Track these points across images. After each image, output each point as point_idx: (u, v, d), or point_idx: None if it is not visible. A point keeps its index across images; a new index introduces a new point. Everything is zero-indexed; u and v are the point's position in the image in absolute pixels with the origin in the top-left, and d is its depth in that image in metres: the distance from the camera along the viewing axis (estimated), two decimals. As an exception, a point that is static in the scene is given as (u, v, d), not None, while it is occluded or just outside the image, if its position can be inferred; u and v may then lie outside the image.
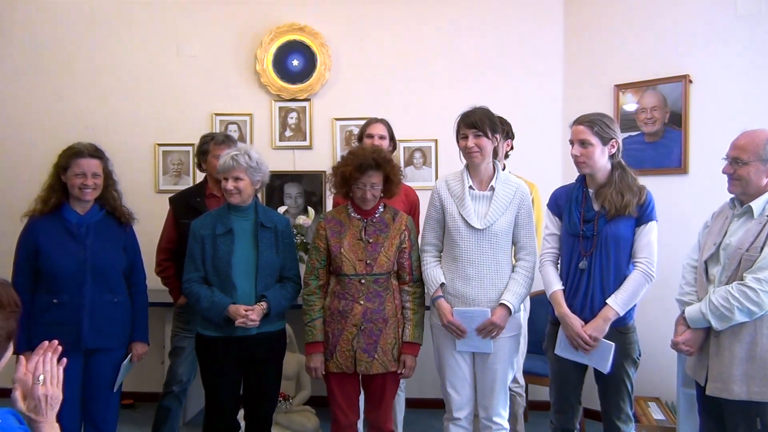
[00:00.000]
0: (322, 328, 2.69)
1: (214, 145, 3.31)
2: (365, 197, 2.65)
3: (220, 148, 3.27)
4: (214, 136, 3.38)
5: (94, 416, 2.73)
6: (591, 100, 3.95)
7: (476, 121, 2.59)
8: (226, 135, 3.47)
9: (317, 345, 2.68)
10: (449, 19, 4.38)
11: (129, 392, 4.24)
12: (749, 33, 3.54)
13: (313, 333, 2.68)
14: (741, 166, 2.30)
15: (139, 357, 2.83)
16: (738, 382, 2.24)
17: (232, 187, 2.68)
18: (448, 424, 2.73)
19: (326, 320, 2.71)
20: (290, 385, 3.75)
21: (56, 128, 4.35)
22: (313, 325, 2.69)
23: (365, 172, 2.60)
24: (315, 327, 2.69)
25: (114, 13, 4.49)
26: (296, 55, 4.41)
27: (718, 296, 2.26)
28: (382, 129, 3.29)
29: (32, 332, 2.62)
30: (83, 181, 2.67)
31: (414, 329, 2.70)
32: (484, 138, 2.59)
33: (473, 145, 2.60)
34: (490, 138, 2.61)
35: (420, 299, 2.75)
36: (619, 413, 2.58)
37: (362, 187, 2.63)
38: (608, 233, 2.52)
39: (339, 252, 2.66)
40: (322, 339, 2.68)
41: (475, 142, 2.59)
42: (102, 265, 2.69)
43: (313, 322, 2.69)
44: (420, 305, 2.75)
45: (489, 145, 2.61)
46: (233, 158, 2.69)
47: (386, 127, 3.31)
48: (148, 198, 4.29)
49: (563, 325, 2.58)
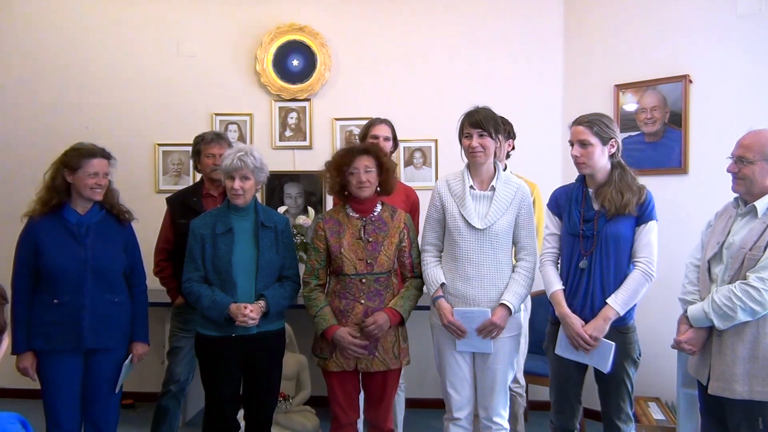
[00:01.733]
0: (332, 314, 2.65)
1: (204, 144, 3.32)
2: (360, 180, 2.62)
3: (210, 147, 3.28)
4: (204, 136, 3.38)
5: (94, 416, 2.73)
6: (591, 100, 3.95)
7: (481, 121, 2.58)
8: (216, 133, 3.46)
9: (333, 327, 2.61)
10: (449, 18, 4.38)
11: (129, 392, 4.24)
12: (749, 33, 3.54)
13: (326, 319, 2.63)
14: (746, 165, 2.30)
15: (139, 357, 2.83)
16: (740, 382, 2.23)
17: (239, 187, 2.67)
18: (448, 424, 2.73)
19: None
20: (290, 385, 3.75)
21: (56, 128, 4.35)
22: (323, 313, 2.65)
23: (356, 156, 2.63)
24: (325, 314, 2.64)
25: (114, 13, 4.48)
26: (296, 55, 4.41)
27: (721, 295, 2.26)
28: (386, 130, 3.24)
29: (32, 332, 2.63)
30: (96, 181, 2.67)
31: (399, 299, 2.67)
32: (488, 138, 2.59)
33: (477, 144, 2.59)
34: (494, 138, 2.61)
35: (417, 283, 2.74)
36: (619, 413, 2.58)
37: (355, 171, 2.62)
38: (608, 233, 2.51)
39: (339, 252, 2.65)
40: (336, 322, 2.63)
41: (479, 141, 2.59)
42: (103, 265, 2.69)
43: (322, 311, 2.65)
44: (416, 287, 2.73)
45: (492, 145, 2.61)
46: (240, 158, 2.66)
47: (390, 128, 3.27)
48: (147, 198, 4.28)
49: (563, 325, 2.58)
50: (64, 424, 2.66)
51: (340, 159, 2.67)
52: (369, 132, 3.25)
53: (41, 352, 2.64)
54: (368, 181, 2.64)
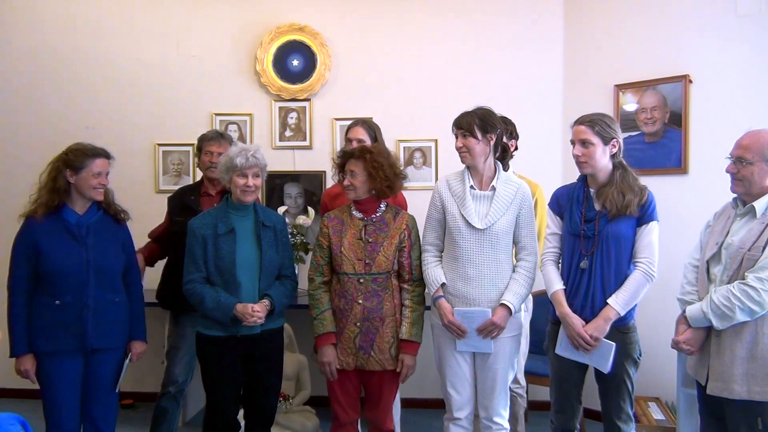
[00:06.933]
0: (332, 319, 2.68)
1: (205, 142, 3.33)
2: (346, 185, 2.70)
3: (209, 144, 3.29)
4: (206, 134, 3.39)
5: (95, 416, 2.73)
6: (591, 100, 3.95)
7: (462, 122, 2.62)
8: (217, 131, 3.46)
9: (329, 336, 2.66)
10: (449, 18, 4.38)
11: (129, 392, 4.25)
12: (749, 33, 3.54)
13: (324, 324, 2.67)
14: (745, 166, 2.30)
15: (138, 356, 2.83)
16: (739, 382, 2.24)
17: (252, 184, 2.68)
18: (449, 424, 2.73)
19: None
20: (290, 385, 3.75)
21: (56, 128, 4.36)
22: (323, 317, 2.68)
23: (347, 160, 2.70)
24: (325, 318, 2.67)
25: (114, 13, 4.48)
26: (296, 55, 4.41)
27: (720, 295, 2.26)
28: (360, 133, 3.17)
29: (33, 334, 2.62)
30: (99, 181, 2.68)
31: (411, 327, 2.69)
32: (472, 139, 2.61)
33: (461, 145, 2.63)
34: (480, 139, 2.61)
35: (419, 297, 2.75)
36: (620, 413, 2.58)
37: (346, 174, 2.71)
38: (609, 233, 2.51)
39: (339, 251, 2.67)
40: (334, 330, 2.67)
41: (463, 142, 2.63)
42: (104, 265, 2.69)
43: (323, 314, 2.68)
44: (419, 303, 2.74)
45: (478, 145, 2.61)
46: (254, 155, 2.68)
47: (365, 130, 3.19)
48: (148, 198, 4.29)
49: (564, 325, 2.58)
50: (65, 424, 2.65)
51: (339, 160, 2.76)
52: (347, 134, 3.24)
53: (42, 354, 2.63)
54: (352, 185, 2.67)
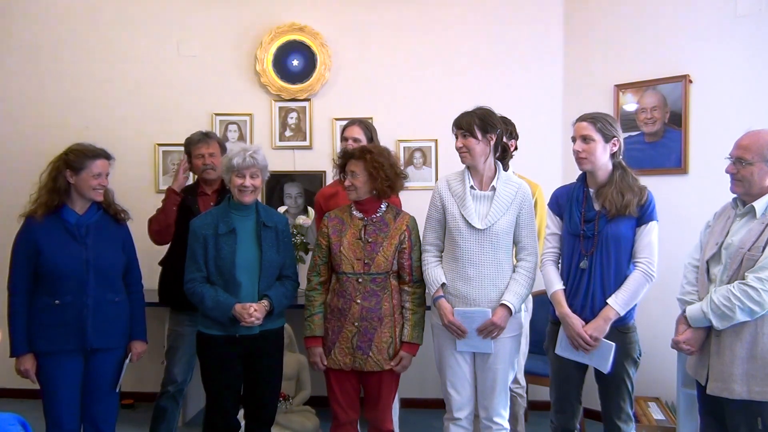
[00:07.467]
0: (321, 323, 2.73)
1: (192, 146, 3.38)
2: (347, 185, 2.71)
3: (198, 147, 3.34)
4: (191, 138, 3.43)
5: (95, 416, 2.73)
6: (591, 100, 3.95)
7: (462, 122, 2.63)
8: (202, 132, 3.48)
9: (316, 339, 2.72)
10: (449, 18, 4.38)
11: (129, 392, 4.25)
12: (749, 33, 3.54)
13: (311, 328, 2.72)
14: (744, 166, 2.30)
15: (138, 356, 2.83)
16: (739, 382, 2.24)
17: (249, 184, 2.68)
18: (449, 424, 2.73)
19: (327, 317, 2.74)
20: (290, 385, 3.75)
21: (55, 128, 4.35)
22: (312, 320, 2.73)
23: (348, 160, 2.71)
24: (314, 322, 2.72)
25: (114, 13, 4.48)
26: (296, 55, 4.41)
27: (720, 295, 2.26)
28: (356, 132, 3.18)
29: (33, 334, 2.62)
30: (99, 181, 2.68)
31: (412, 329, 2.70)
32: (472, 139, 2.61)
33: (461, 145, 2.64)
34: (480, 139, 2.61)
35: (420, 299, 2.75)
36: (620, 413, 2.58)
37: (345, 176, 2.73)
38: (609, 233, 2.52)
39: (338, 250, 2.68)
40: (321, 334, 2.72)
41: (462, 142, 2.63)
42: (104, 265, 2.69)
43: (312, 317, 2.73)
44: (419, 305, 2.75)
45: (478, 145, 2.62)
46: (252, 156, 2.68)
47: (362, 129, 3.20)
48: (148, 198, 4.27)
49: (564, 325, 2.58)
50: (65, 424, 2.66)
51: (340, 161, 2.77)
52: (343, 133, 3.25)
53: (42, 354, 2.63)
54: (353, 185, 2.68)
